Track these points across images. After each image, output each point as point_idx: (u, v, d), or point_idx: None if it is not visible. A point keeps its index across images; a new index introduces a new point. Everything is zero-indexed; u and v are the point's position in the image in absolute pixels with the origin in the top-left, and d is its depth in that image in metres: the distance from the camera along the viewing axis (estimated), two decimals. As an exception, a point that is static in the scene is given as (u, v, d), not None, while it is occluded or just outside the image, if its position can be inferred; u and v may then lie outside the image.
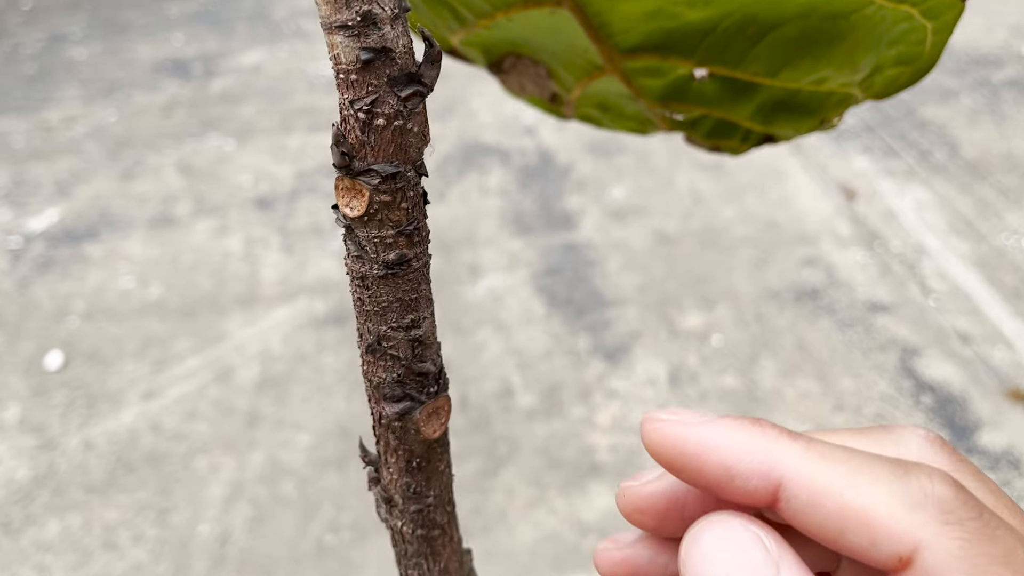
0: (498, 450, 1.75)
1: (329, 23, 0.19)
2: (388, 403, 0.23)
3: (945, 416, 1.75)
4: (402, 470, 0.24)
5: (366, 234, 0.21)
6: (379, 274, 0.21)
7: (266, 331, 2.09)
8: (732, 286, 2.14)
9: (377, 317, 0.22)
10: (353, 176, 0.20)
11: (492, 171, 2.65)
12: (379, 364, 0.22)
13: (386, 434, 0.24)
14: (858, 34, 0.25)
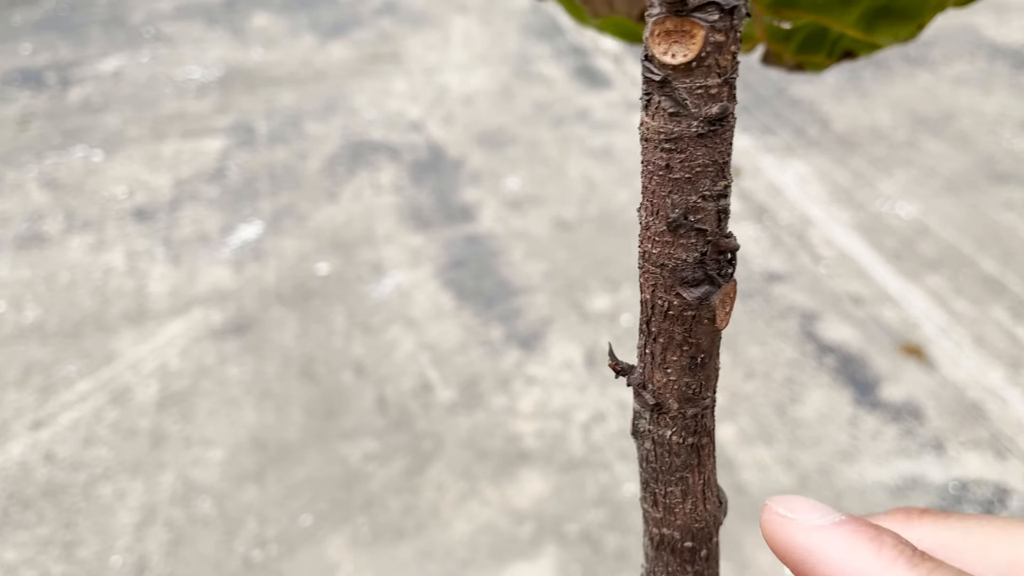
0: (423, 447, 1.71)
1: None
2: (685, 288, 0.21)
3: (847, 375, 1.84)
4: (684, 368, 0.22)
5: (688, 85, 0.18)
6: (698, 132, 0.19)
7: (161, 347, 1.97)
8: (634, 267, 2.17)
9: (687, 186, 0.19)
10: (686, 14, 0.18)
11: (383, 168, 2.60)
12: (680, 243, 0.20)
13: (671, 328, 0.21)
14: None
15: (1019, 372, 1.84)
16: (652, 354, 0.22)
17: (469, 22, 3.56)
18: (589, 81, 3.09)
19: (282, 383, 1.87)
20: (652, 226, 0.20)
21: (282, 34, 3.48)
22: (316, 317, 2.04)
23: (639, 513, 1.56)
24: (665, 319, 0.21)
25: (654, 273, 0.21)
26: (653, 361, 0.22)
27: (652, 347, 0.22)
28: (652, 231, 0.20)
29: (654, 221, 0.20)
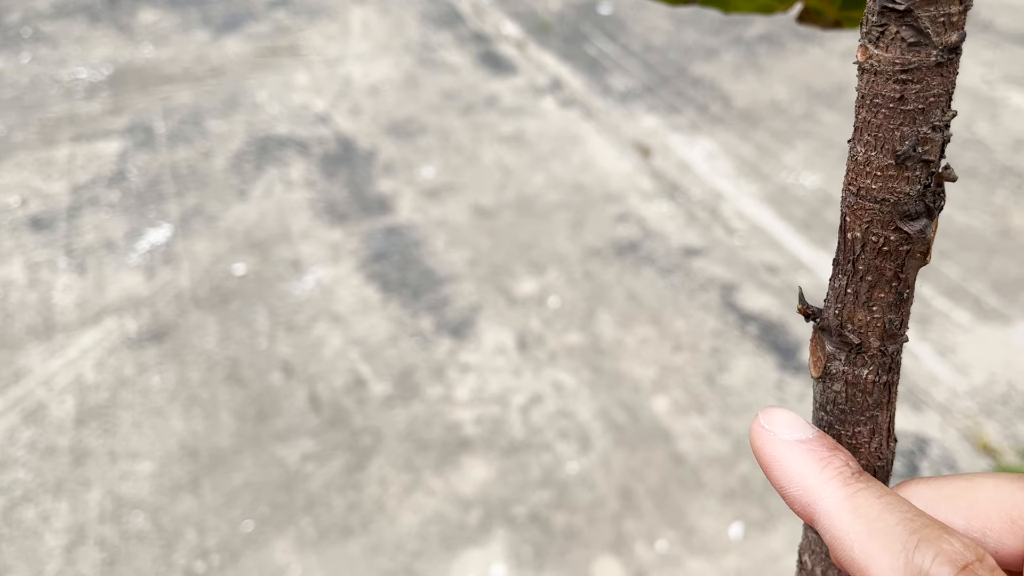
0: (362, 443, 1.69)
1: None
2: (906, 222, 0.20)
3: (770, 341, 1.91)
4: (890, 305, 0.22)
5: (932, 14, 0.18)
6: (937, 61, 0.19)
7: (74, 360, 1.88)
8: (556, 249, 2.19)
9: (920, 116, 0.19)
10: None
11: (292, 163, 2.54)
12: (905, 176, 0.20)
13: (882, 264, 0.21)
14: None
15: (928, 328, 1.95)
16: (856, 293, 0.22)
17: (367, 12, 3.51)
18: (494, 67, 3.09)
19: (208, 389, 1.81)
20: (875, 160, 0.20)
21: (172, 30, 3.35)
22: (237, 319, 1.98)
23: (584, 491, 1.57)
24: (878, 255, 0.21)
25: (871, 209, 0.21)
26: (857, 300, 0.22)
27: (857, 286, 0.22)
28: (874, 166, 0.20)
29: (878, 156, 0.20)
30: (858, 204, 0.21)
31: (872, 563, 0.21)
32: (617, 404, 1.76)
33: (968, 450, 1.67)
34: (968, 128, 2.68)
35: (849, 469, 0.23)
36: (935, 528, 0.21)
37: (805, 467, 0.24)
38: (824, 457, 0.24)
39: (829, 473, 0.23)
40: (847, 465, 0.23)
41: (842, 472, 0.23)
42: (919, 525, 0.21)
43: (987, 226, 2.26)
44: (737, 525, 1.53)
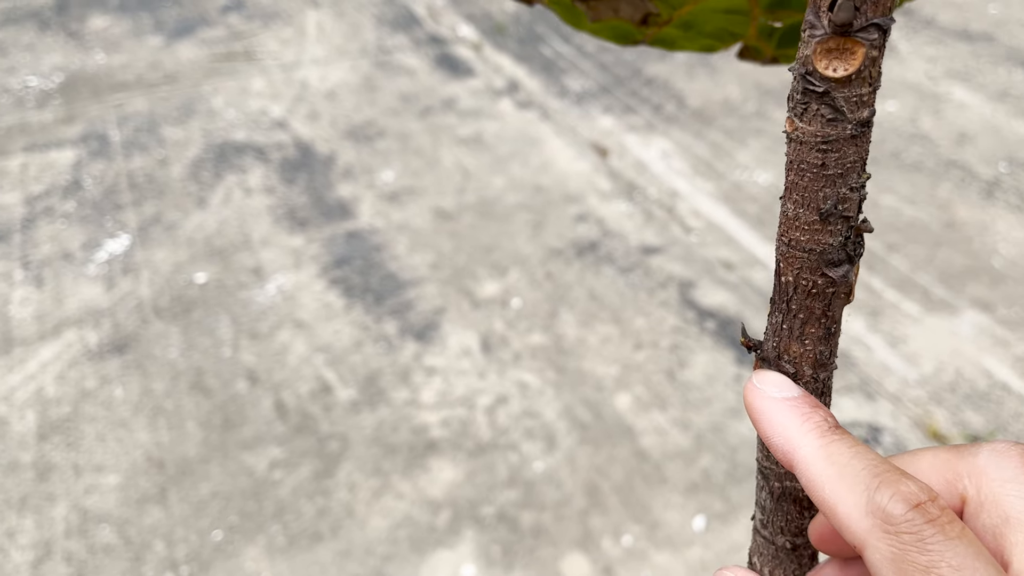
0: (329, 449, 1.70)
1: None
2: (831, 268, 0.23)
3: (728, 336, 1.95)
4: (820, 338, 0.25)
5: (846, 94, 0.21)
6: (851, 134, 0.21)
7: (34, 374, 1.86)
8: (518, 250, 2.22)
9: (839, 180, 0.22)
10: (851, 34, 0.20)
11: (251, 169, 2.53)
12: (828, 229, 0.23)
13: (812, 304, 0.24)
14: None
15: (879, 320, 2.01)
16: (790, 328, 0.25)
17: (322, 15, 3.50)
18: (452, 70, 3.10)
19: (173, 399, 1.80)
20: (802, 216, 0.23)
21: (124, 36, 3.31)
22: (200, 328, 1.98)
23: (551, 489, 1.60)
24: (808, 296, 0.24)
25: (800, 257, 0.24)
26: (791, 335, 0.25)
27: (791, 322, 0.25)
28: (802, 221, 0.23)
29: (805, 212, 0.23)
30: (790, 253, 0.24)
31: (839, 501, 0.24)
32: (581, 403, 1.79)
33: (919, 437, 1.73)
34: (913, 123, 2.76)
35: (827, 423, 0.26)
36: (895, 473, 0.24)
37: (788, 420, 0.26)
38: (805, 412, 0.26)
39: (808, 426, 0.26)
40: (825, 420, 0.26)
41: (820, 425, 0.26)
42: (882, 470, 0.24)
43: (933, 219, 2.33)
44: (700, 518, 1.57)
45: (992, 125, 2.76)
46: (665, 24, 0.34)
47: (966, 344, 1.94)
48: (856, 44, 0.20)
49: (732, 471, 1.66)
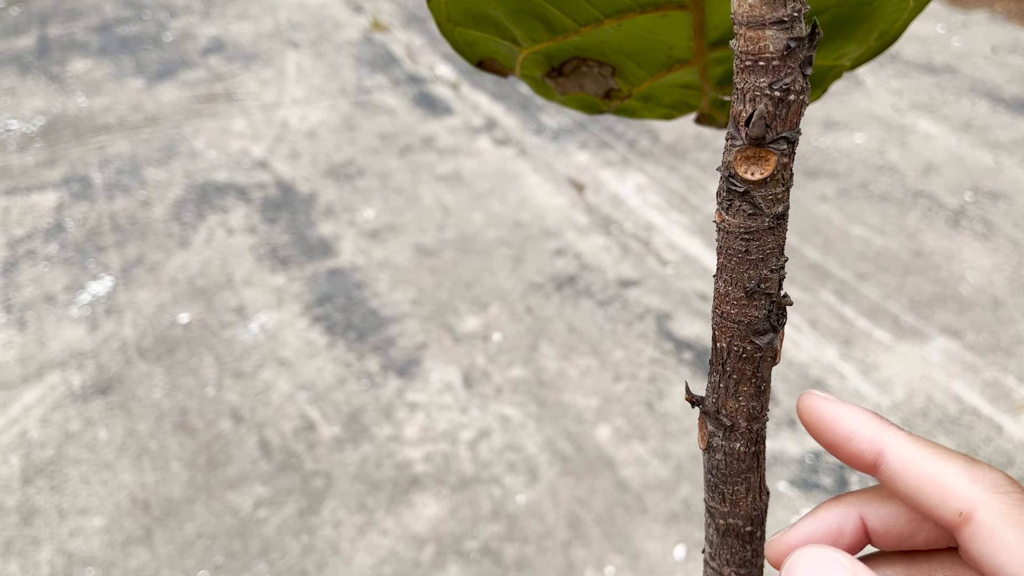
0: (313, 486, 1.71)
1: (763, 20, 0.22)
2: (757, 336, 0.27)
3: (704, 367, 1.99)
4: (752, 395, 0.28)
5: (763, 193, 0.24)
6: (768, 226, 0.25)
7: (17, 418, 1.87)
8: (498, 285, 2.26)
9: (761, 263, 0.25)
10: (764, 145, 0.24)
11: (233, 209, 2.56)
12: (754, 304, 0.26)
13: (743, 366, 0.27)
14: (876, 15, 0.33)
15: (851, 348, 2.06)
16: (726, 387, 0.28)
17: (302, 56, 3.55)
18: (430, 109, 3.16)
19: (157, 439, 1.81)
20: (731, 294, 0.26)
21: (105, 79, 3.35)
22: (184, 368, 1.99)
23: (534, 522, 1.62)
24: (739, 360, 0.27)
25: (732, 327, 0.27)
26: (727, 392, 0.28)
27: (727, 382, 0.28)
28: (731, 297, 0.27)
29: (733, 290, 0.26)
30: (723, 323, 0.27)
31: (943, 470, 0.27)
32: (562, 435, 1.82)
33: (893, 462, 1.76)
34: (880, 154, 2.83)
35: None
36: None
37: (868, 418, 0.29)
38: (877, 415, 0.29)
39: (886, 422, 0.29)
40: None
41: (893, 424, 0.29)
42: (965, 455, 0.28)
43: (902, 247, 2.39)
44: (680, 547, 1.60)
45: (957, 155, 2.84)
46: (627, 98, 0.38)
47: (936, 370, 1.99)
48: (769, 153, 0.24)
49: (711, 500, 1.69)
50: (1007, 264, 2.35)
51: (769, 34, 0.22)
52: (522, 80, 0.41)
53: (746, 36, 0.22)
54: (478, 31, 0.36)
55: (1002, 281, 2.28)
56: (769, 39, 0.22)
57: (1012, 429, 1.85)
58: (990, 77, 3.39)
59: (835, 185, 2.68)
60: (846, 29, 0.34)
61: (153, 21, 3.90)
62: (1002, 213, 2.56)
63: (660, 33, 0.32)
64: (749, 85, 0.23)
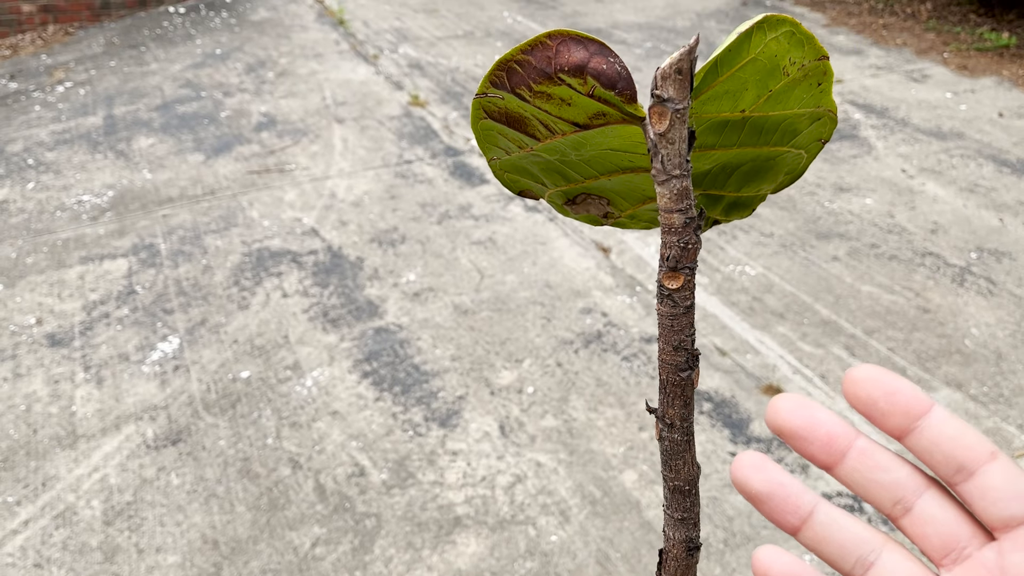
0: (365, 526, 1.89)
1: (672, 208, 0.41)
2: (683, 372, 0.45)
3: (723, 416, 2.15)
4: (682, 405, 0.47)
5: (678, 296, 0.43)
6: (683, 312, 0.44)
7: (98, 466, 2.07)
8: (531, 342, 2.44)
9: (680, 332, 0.44)
10: (678, 271, 0.43)
11: (287, 274, 2.79)
12: (678, 356, 0.45)
13: (675, 390, 0.46)
14: (779, 166, 0.53)
15: (858, 398, 2.20)
16: (668, 402, 0.47)
17: (347, 131, 3.83)
18: (467, 179, 3.39)
19: (224, 485, 2.00)
20: (666, 349, 0.45)
21: (167, 154, 3.63)
22: (246, 420, 2.19)
23: (566, 559, 1.79)
24: (674, 387, 0.46)
25: (668, 367, 0.46)
26: (668, 404, 0.47)
27: (667, 399, 0.47)
28: (666, 351, 0.45)
29: (666, 346, 0.45)
30: (664, 365, 0.46)
31: None
32: (591, 480, 1.98)
33: (898, 505, 1.90)
34: (890, 216, 3.01)
35: None
36: None
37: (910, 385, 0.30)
38: None
39: None
40: None
41: None
42: None
43: (909, 304, 2.55)
44: (701, 581, 1.75)
45: (963, 216, 3.00)
46: (618, 217, 0.58)
47: (940, 419, 2.13)
48: (680, 275, 0.43)
49: (729, 539, 1.84)
50: (1010, 320, 2.49)
51: (676, 216, 0.41)
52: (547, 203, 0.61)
53: (663, 216, 0.41)
54: (519, 176, 0.56)
55: (1005, 336, 2.43)
56: (675, 218, 0.41)
57: (1012, 474, 1.99)
58: (996, 141, 3.56)
59: (846, 246, 2.85)
60: (760, 174, 0.53)
61: (210, 100, 4.21)
62: (1006, 271, 2.71)
63: (637, 184, 0.52)
64: (667, 240, 0.42)
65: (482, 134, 0.52)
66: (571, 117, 0.48)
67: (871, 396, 0.30)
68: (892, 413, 0.30)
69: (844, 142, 3.60)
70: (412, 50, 4.99)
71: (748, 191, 0.55)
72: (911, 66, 4.56)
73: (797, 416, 0.32)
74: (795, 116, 0.54)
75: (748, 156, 0.51)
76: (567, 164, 0.52)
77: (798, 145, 0.56)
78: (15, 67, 4.84)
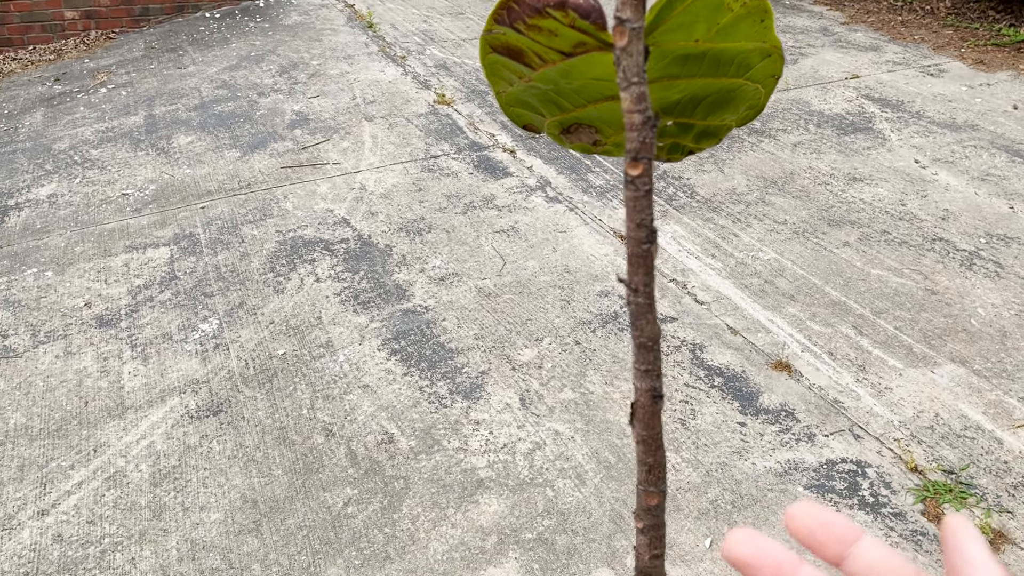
0: (394, 488, 2.02)
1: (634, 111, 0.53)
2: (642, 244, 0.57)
3: (733, 390, 2.26)
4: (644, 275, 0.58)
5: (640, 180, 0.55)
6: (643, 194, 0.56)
7: (145, 434, 2.22)
8: (550, 322, 2.56)
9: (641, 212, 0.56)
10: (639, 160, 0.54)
11: (320, 261, 2.93)
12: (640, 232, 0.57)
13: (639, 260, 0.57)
14: (740, 98, 0.64)
15: (866, 373, 2.30)
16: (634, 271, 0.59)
17: (376, 128, 3.97)
18: (490, 172, 3.52)
19: (262, 451, 2.14)
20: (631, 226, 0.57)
21: (205, 151, 3.80)
22: (282, 393, 2.33)
23: (582, 517, 1.90)
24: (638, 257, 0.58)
25: (633, 241, 0.58)
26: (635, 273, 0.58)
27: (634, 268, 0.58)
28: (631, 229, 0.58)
29: (631, 224, 0.57)
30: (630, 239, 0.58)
31: None
32: (606, 447, 2.10)
33: (901, 470, 2.00)
34: (901, 204, 3.09)
35: None
36: None
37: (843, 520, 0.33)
38: None
39: None
40: None
41: None
42: None
43: (918, 286, 2.64)
44: (708, 539, 1.86)
45: (974, 204, 3.08)
46: (605, 145, 0.70)
47: (944, 393, 2.22)
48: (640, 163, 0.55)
49: (736, 500, 1.94)
50: (1016, 301, 2.57)
51: (636, 115, 0.53)
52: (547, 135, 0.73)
53: (627, 116, 0.53)
54: (523, 110, 0.69)
55: (1010, 315, 2.51)
56: (636, 117, 0.53)
57: (1011, 443, 2.07)
58: (1010, 132, 3.62)
59: (857, 232, 2.94)
60: (723, 105, 0.65)
61: (245, 100, 4.38)
62: (1014, 255, 2.78)
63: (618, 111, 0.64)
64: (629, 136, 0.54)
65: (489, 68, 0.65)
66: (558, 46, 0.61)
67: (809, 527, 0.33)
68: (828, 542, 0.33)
69: (859, 134, 3.68)
70: (439, 51, 5.14)
71: (714, 120, 0.67)
72: (928, 61, 4.63)
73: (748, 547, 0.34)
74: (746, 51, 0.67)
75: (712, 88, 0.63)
76: (560, 94, 0.65)
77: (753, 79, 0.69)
78: (59, 71, 5.05)
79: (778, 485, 1.98)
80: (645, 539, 0.61)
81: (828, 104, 4.01)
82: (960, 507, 1.89)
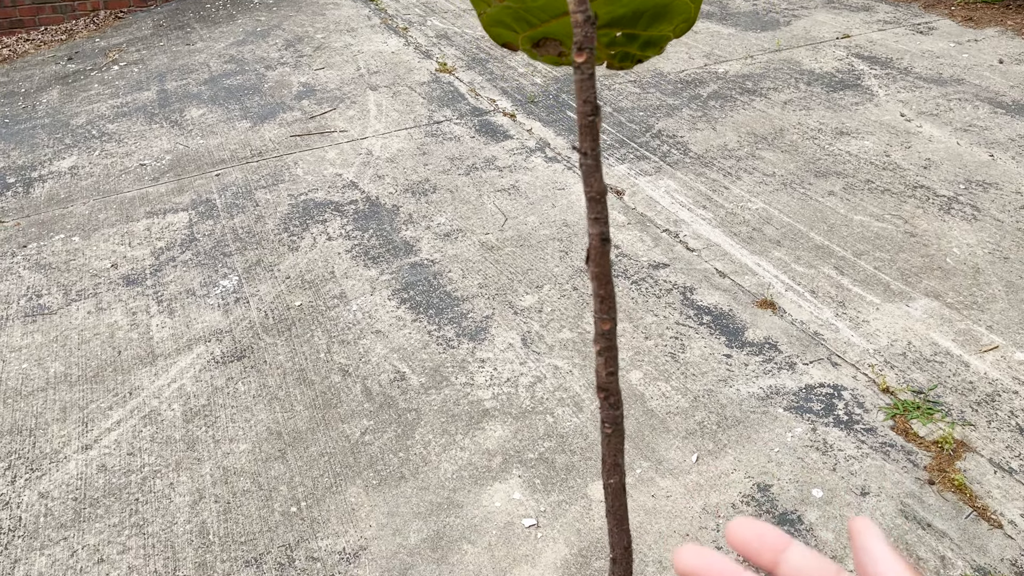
0: (407, 418, 2.19)
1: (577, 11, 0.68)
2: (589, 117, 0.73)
3: (721, 326, 2.42)
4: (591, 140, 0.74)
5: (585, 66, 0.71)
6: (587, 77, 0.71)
7: (175, 378, 2.40)
8: (550, 271, 2.72)
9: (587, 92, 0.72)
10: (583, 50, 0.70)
11: (331, 221, 3.09)
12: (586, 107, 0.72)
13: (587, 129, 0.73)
14: (674, 11, 0.80)
15: (844, 308, 2.45)
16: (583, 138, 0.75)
17: (381, 96, 4.12)
18: (491, 135, 3.67)
19: (284, 390, 2.32)
20: (579, 103, 0.73)
21: (217, 122, 3.96)
22: (300, 340, 2.50)
23: (579, 440, 2.07)
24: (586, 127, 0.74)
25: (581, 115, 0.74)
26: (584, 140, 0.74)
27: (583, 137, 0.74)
28: (580, 104, 0.73)
29: (580, 101, 0.73)
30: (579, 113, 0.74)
31: None
32: (602, 379, 2.26)
33: (873, 392, 2.16)
34: (886, 155, 3.23)
35: None
36: None
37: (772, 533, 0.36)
38: None
39: None
40: None
41: None
42: None
43: (898, 230, 2.78)
44: (695, 455, 2.02)
45: (955, 153, 3.22)
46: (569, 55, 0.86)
47: (917, 324, 2.38)
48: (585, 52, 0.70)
49: (721, 422, 2.11)
50: (990, 240, 2.72)
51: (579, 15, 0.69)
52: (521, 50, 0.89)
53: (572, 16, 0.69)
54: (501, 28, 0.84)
55: (984, 253, 2.65)
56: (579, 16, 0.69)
57: (977, 365, 2.23)
58: (994, 85, 3.75)
59: (842, 182, 3.09)
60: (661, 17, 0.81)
61: (253, 73, 4.53)
62: (991, 199, 2.93)
63: (573, 32, 0.80)
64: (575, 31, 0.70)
65: (471, -8, 0.80)
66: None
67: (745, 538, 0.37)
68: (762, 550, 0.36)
69: (847, 91, 3.81)
70: (439, 22, 5.27)
71: (655, 31, 0.83)
72: (918, 20, 4.74)
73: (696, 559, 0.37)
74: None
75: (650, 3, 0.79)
76: (528, 11, 0.80)
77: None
78: (72, 50, 5.20)
79: (760, 408, 2.15)
80: (602, 359, 0.77)
81: (819, 63, 4.14)
82: (927, 422, 2.06)
